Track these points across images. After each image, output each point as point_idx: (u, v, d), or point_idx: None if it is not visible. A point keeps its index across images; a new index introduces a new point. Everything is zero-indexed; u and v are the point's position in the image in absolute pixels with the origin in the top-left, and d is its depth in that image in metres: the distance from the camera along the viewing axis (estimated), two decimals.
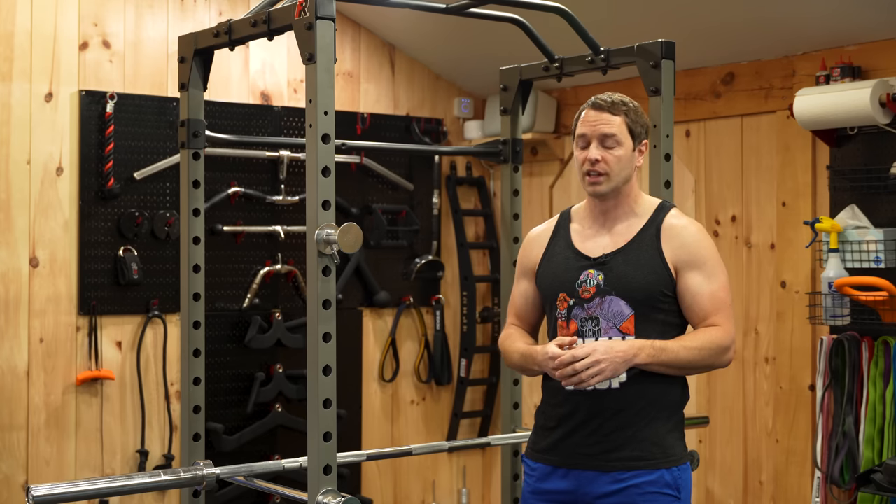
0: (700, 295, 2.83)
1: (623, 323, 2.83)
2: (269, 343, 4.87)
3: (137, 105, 4.58)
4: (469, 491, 5.60)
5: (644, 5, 4.33)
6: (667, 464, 2.82)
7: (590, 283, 2.87)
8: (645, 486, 2.79)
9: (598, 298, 2.85)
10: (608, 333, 2.83)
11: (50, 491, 2.93)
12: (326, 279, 2.80)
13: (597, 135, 2.86)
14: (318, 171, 2.81)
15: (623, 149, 2.87)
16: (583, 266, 2.89)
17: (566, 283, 2.90)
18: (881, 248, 4.01)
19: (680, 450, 2.86)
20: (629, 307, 2.83)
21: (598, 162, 2.86)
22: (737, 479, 4.68)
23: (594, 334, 2.84)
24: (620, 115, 2.87)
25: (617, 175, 2.87)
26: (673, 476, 2.82)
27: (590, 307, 2.85)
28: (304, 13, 2.83)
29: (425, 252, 5.44)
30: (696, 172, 4.81)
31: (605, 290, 2.84)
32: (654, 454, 2.81)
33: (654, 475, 2.80)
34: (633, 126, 2.88)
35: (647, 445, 2.81)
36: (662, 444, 2.82)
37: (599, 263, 2.87)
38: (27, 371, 4.36)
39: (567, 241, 2.96)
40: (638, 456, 2.80)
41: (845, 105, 4.00)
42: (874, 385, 4.03)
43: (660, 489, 2.79)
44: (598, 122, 2.87)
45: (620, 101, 2.89)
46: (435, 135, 5.45)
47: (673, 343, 2.79)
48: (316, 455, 2.81)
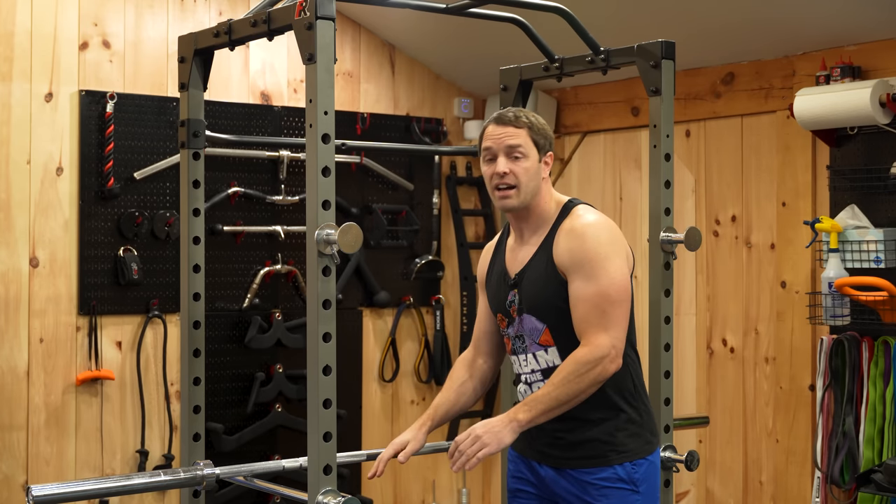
0: (577, 302, 2.81)
1: (540, 337, 2.91)
2: (269, 343, 4.87)
3: (137, 105, 4.58)
4: (469, 491, 5.60)
5: (644, 5, 4.33)
6: (619, 459, 2.86)
7: (514, 303, 2.96)
8: (600, 482, 2.86)
9: (518, 317, 2.95)
10: (532, 349, 2.93)
11: (50, 491, 2.93)
12: (326, 279, 2.80)
13: (503, 147, 2.90)
14: (318, 171, 2.81)
15: (529, 161, 2.90)
16: (508, 285, 2.98)
17: (500, 304, 3.01)
18: (881, 248, 4.02)
19: (636, 445, 2.89)
20: (540, 321, 2.90)
21: (507, 174, 2.89)
22: (737, 479, 4.68)
23: (523, 350, 2.95)
24: (524, 128, 2.91)
25: (525, 187, 2.90)
26: (627, 471, 2.86)
27: (516, 325, 2.96)
28: (304, 13, 2.83)
29: (425, 252, 5.44)
30: (696, 172, 4.81)
31: (520, 309, 2.94)
32: (604, 451, 2.87)
33: (607, 472, 2.86)
34: (536, 138, 2.91)
35: (598, 444, 2.87)
36: (613, 442, 2.87)
37: (514, 284, 2.96)
38: (27, 371, 4.36)
39: (501, 258, 3.04)
40: (590, 455, 2.87)
41: (845, 105, 4.00)
42: (874, 385, 4.03)
43: (613, 484, 2.86)
44: (503, 135, 2.90)
45: (523, 115, 2.93)
46: (435, 135, 5.45)
47: (543, 390, 2.78)
48: (316, 455, 2.81)
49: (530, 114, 2.95)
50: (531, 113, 2.96)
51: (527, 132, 2.90)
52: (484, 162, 2.94)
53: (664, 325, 3.36)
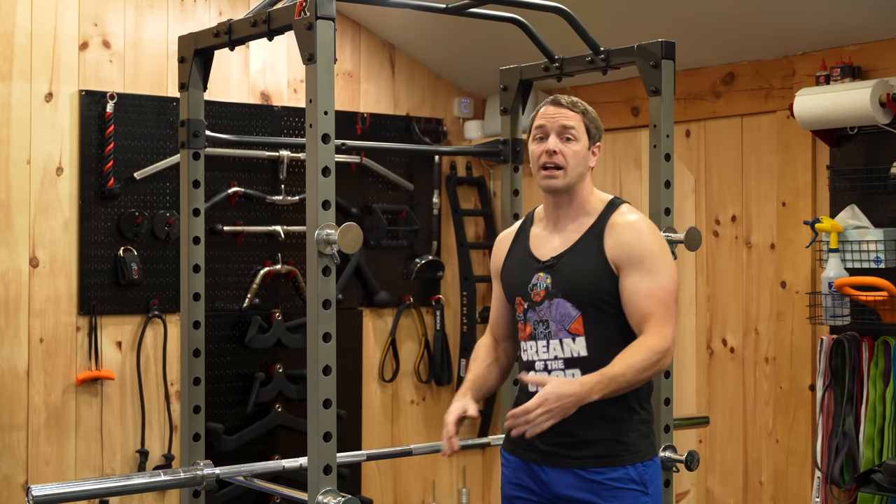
0: (636, 294, 2.81)
1: (571, 324, 2.86)
2: (269, 343, 4.87)
3: (137, 105, 4.58)
4: (469, 491, 5.60)
5: (644, 5, 4.33)
6: (631, 460, 2.84)
7: (539, 286, 2.91)
8: (610, 482, 2.82)
9: (547, 301, 2.89)
10: (558, 336, 2.87)
11: (50, 491, 2.94)
12: (326, 279, 2.80)
13: (556, 127, 2.90)
14: (318, 171, 2.81)
15: (580, 145, 2.91)
16: (534, 269, 2.94)
17: (520, 287, 2.96)
18: (881, 248, 4.02)
19: (646, 446, 2.88)
20: (575, 308, 2.86)
21: (556, 154, 2.89)
22: (737, 479, 4.68)
23: (545, 336, 2.89)
24: (579, 112, 2.93)
25: (573, 170, 2.89)
26: (639, 472, 2.84)
27: (540, 310, 2.90)
28: (304, 13, 2.83)
29: (425, 252, 5.44)
30: (696, 172, 4.81)
31: (552, 293, 2.89)
32: (617, 451, 2.84)
33: (618, 472, 2.83)
34: (589, 126, 2.93)
35: (613, 444, 2.84)
36: (626, 442, 2.85)
37: (548, 266, 2.91)
38: (27, 371, 4.36)
39: (525, 244, 3.01)
40: (602, 454, 2.84)
41: (845, 105, 4.00)
42: (874, 385, 4.03)
43: (626, 485, 2.83)
44: (557, 115, 2.92)
45: (579, 102, 2.96)
46: (435, 135, 5.45)
47: (618, 367, 2.74)
48: (316, 455, 2.81)
49: (586, 103, 2.98)
50: (586, 103, 2.99)
51: (581, 117, 2.92)
52: (533, 140, 2.93)
53: None
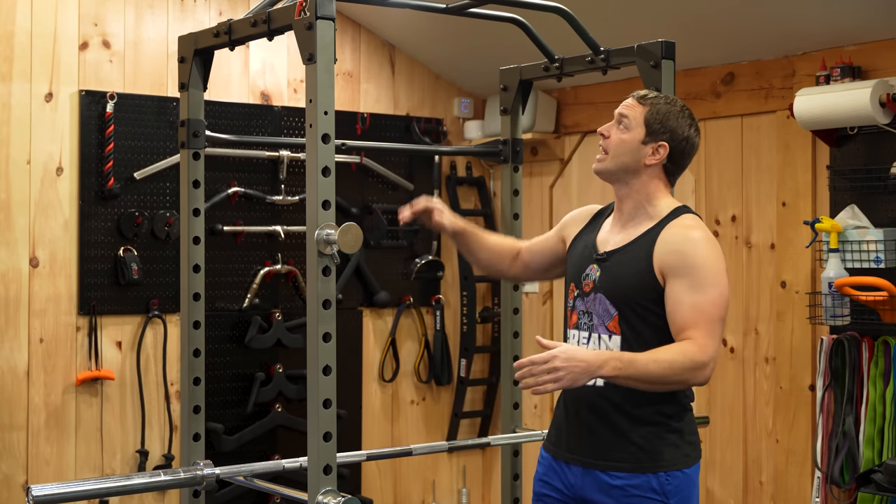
0: (680, 304, 2.72)
1: (610, 322, 2.82)
2: (269, 343, 4.87)
3: (137, 105, 4.58)
4: (469, 491, 5.60)
5: (644, 5, 4.33)
6: (654, 469, 2.77)
7: (590, 278, 2.88)
8: (629, 489, 2.77)
9: (593, 294, 2.86)
10: (598, 330, 2.84)
11: (50, 491, 2.93)
12: (326, 279, 2.80)
13: (617, 114, 2.90)
14: (318, 171, 2.81)
15: (629, 134, 2.85)
16: (591, 259, 2.91)
17: (576, 274, 2.94)
18: (881, 248, 4.01)
19: (673, 456, 2.80)
20: (614, 307, 2.82)
21: (606, 138, 2.89)
22: (737, 479, 4.68)
23: (588, 328, 2.86)
24: (646, 105, 2.86)
25: (615, 157, 2.86)
26: (660, 482, 2.77)
27: (587, 301, 2.88)
28: (304, 13, 2.83)
29: (425, 252, 5.44)
30: (696, 172, 4.81)
31: (598, 287, 2.85)
32: (639, 458, 2.78)
33: (639, 479, 2.77)
34: (650, 120, 2.84)
35: (635, 449, 2.78)
36: (651, 450, 2.78)
37: (600, 259, 2.88)
38: (27, 371, 4.36)
39: (595, 233, 2.97)
40: (623, 458, 2.79)
41: (845, 105, 4.00)
42: (874, 385, 4.03)
43: (644, 493, 2.77)
44: (625, 105, 2.90)
45: (651, 96, 2.89)
46: (435, 135, 5.45)
47: (643, 356, 2.68)
48: (316, 455, 2.81)
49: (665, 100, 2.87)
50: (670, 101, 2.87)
51: (645, 110, 2.85)
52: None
53: None
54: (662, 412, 2.81)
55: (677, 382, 2.71)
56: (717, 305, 2.71)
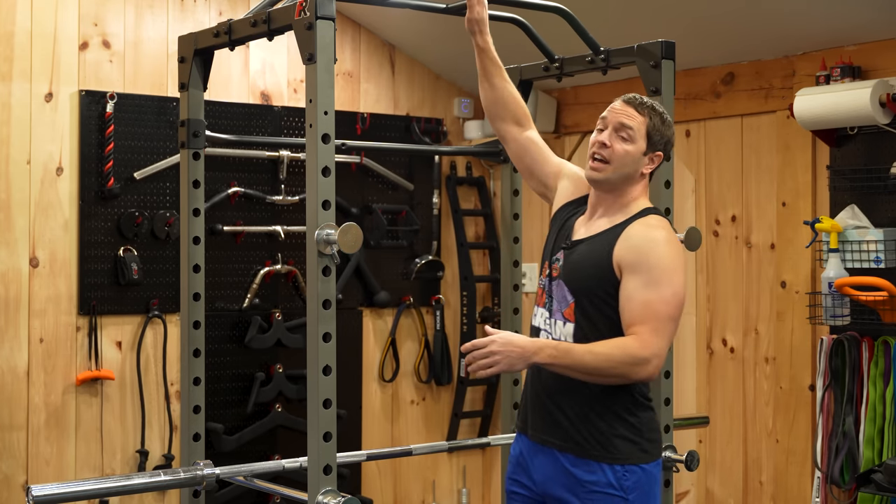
0: (632, 300, 2.78)
1: (566, 309, 2.90)
2: (269, 343, 4.87)
3: (137, 105, 4.58)
4: (469, 491, 5.60)
5: (644, 5, 4.33)
6: (608, 459, 2.84)
7: (558, 263, 2.97)
8: (590, 485, 2.85)
9: (557, 280, 2.94)
10: (556, 316, 2.93)
11: (50, 491, 2.94)
12: (326, 279, 2.80)
13: (615, 122, 2.90)
14: (318, 171, 2.81)
15: (633, 146, 2.89)
16: (561, 245, 2.99)
17: (550, 255, 3.02)
18: (881, 248, 4.02)
19: (628, 450, 2.86)
20: (571, 296, 2.90)
21: (606, 147, 2.89)
22: (737, 479, 4.68)
23: (550, 310, 2.95)
24: (645, 116, 2.90)
25: (617, 168, 2.89)
26: (617, 476, 2.84)
27: (552, 285, 2.96)
28: (304, 13, 2.83)
29: (425, 252, 5.44)
30: (696, 172, 4.81)
31: (560, 274, 2.94)
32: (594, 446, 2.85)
33: (595, 474, 2.84)
34: (652, 132, 2.90)
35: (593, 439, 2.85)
36: (605, 442, 2.85)
37: (567, 248, 2.96)
38: (27, 371, 4.36)
39: (574, 218, 3.03)
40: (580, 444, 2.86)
41: (845, 105, 4.00)
42: (874, 385, 4.03)
43: (603, 489, 2.84)
44: (622, 112, 2.91)
45: (651, 105, 2.93)
46: (435, 135, 5.45)
47: (580, 347, 2.78)
48: (316, 455, 2.81)
49: (662, 109, 2.94)
50: (660, 108, 2.94)
51: (645, 121, 2.89)
52: (595, 131, 2.95)
53: None
54: (616, 403, 2.86)
55: (616, 376, 2.78)
56: (668, 304, 2.77)
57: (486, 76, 3.20)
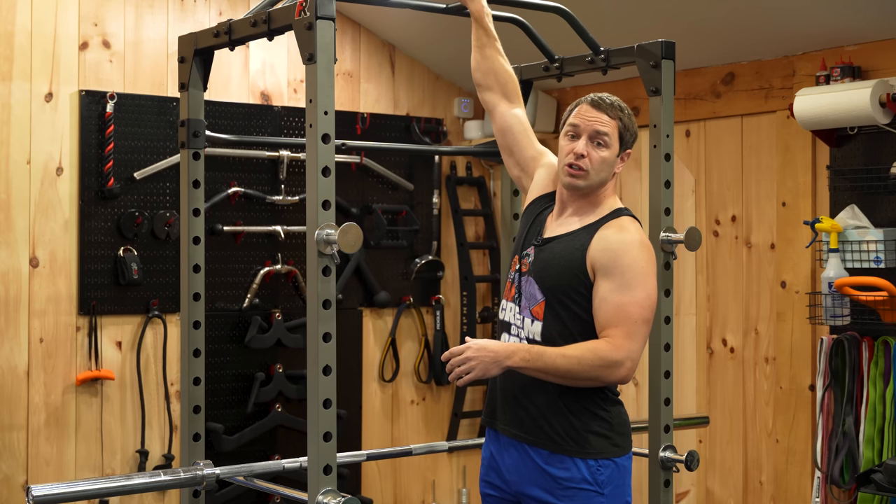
0: (605, 302, 2.82)
1: (535, 307, 2.91)
2: (269, 343, 4.87)
3: (137, 105, 4.58)
4: (469, 491, 5.60)
5: (644, 5, 4.33)
6: (582, 454, 2.86)
7: (528, 259, 2.98)
8: (564, 481, 2.86)
9: (527, 276, 2.95)
10: (524, 312, 2.94)
11: (50, 491, 2.93)
12: (326, 279, 2.80)
13: (589, 130, 2.91)
14: (318, 171, 2.81)
15: (609, 152, 2.92)
16: (532, 241, 3.00)
17: (520, 249, 3.03)
18: (881, 248, 4.02)
19: (601, 445, 2.88)
20: (540, 293, 2.91)
21: (583, 158, 2.90)
22: (737, 479, 4.68)
23: (519, 306, 2.96)
24: (615, 118, 2.92)
25: (596, 176, 2.92)
26: (591, 471, 2.86)
27: (522, 281, 2.97)
28: (304, 13, 2.83)
29: (425, 252, 5.44)
30: (696, 172, 4.81)
31: (530, 271, 2.95)
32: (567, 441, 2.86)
33: (570, 471, 2.85)
34: (623, 133, 2.93)
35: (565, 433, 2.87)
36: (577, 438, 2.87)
37: (537, 245, 2.97)
38: (27, 371, 4.36)
39: (545, 214, 3.04)
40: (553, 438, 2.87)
41: (845, 105, 4.01)
42: (874, 385, 4.03)
43: (578, 485, 2.86)
44: (594, 119, 2.92)
45: (619, 105, 2.95)
46: (435, 135, 5.45)
47: (553, 350, 2.80)
48: (316, 455, 2.81)
49: (625, 106, 2.97)
50: (625, 105, 2.97)
51: (617, 123, 2.92)
52: (564, 136, 2.95)
53: (664, 325, 3.36)
54: (587, 398, 2.88)
55: (588, 378, 2.82)
56: (641, 307, 2.81)
57: (479, 45, 3.22)
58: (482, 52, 3.22)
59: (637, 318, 2.80)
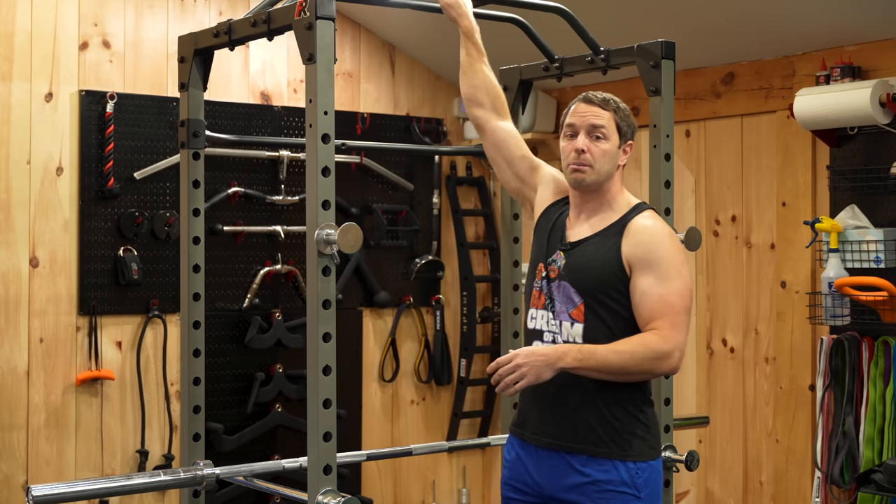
0: (647, 296, 2.81)
1: (573, 310, 2.89)
2: (269, 343, 4.87)
3: (137, 105, 4.58)
4: (469, 491, 5.60)
5: (644, 5, 4.33)
6: (622, 456, 2.83)
7: (556, 265, 2.96)
8: (602, 483, 2.83)
9: (558, 281, 2.93)
10: (560, 317, 2.91)
11: (50, 491, 2.93)
12: (326, 279, 2.80)
13: (585, 125, 2.92)
14: (318, 171, 2.81)
15: (609, 143, 2.92)
16: (558, 246, 2.98)
17: (544, 256, 3.00)
18: (881, 248, 4.02)
19: (640, 447, 2.86)
20: (578, 296, 2.89)
21: (584, 153, 2.90)
22: (737, 479, 4.68)
23: (552, 311, 2.93)
24: (610, 111, 2.93)
25: (600, 168, 2.91)
26: (631, 474, 2.83)
27: (552, 287, 2.94)
28: (304, 13, 2.83)
29: (425, 252, 5.44)
30: (696, 172, 4.81)
31: (562, 276, 2.93)
32: (608, 444, 2.84)
33: (609, 473, 2.82)
34: (620, 124, 2.93)
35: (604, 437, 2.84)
36: (618, 440, 2.84)
37: (566, 249, 2.95)
38: (27, 371, 4.36)
39: (563, 218, 3.03)
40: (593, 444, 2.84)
41: (845, 105, 4.00)
42: (874, 385, 4.03)
43: (616, 487, 2.83)
44: (588, 113, 2.93)
45: (611, 99, 2.96)
46: (435, 135, 5.45)
47: (603, 347, 2.78)
48: (316, 455, 2.81)
49: (619, 100, 2.97)
50: (619, 99, 2.98)
51: (612, 115, 2.92)
52: (564, 137, 2.96)
53: None
54: (628, 400, 2.86)
55: (641, 373, 2.81)
56: (682, 296, 2.82)
57: (469, 61, 3.22)
58: (473, 68, 3.23)
59: (679, 308, 2.80)
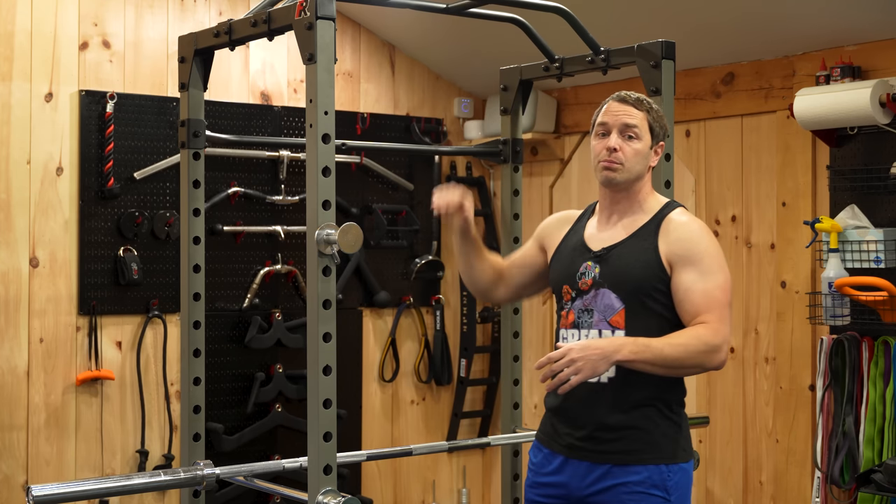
0: (692, 291, 2.79)
1: (613, 316, 2.85)
2: (269, 343, 4.87)
3: (137, 105, 4.58)
4: (469, 491, 5.60)
5: (644, 5, 4.33)
6: (654, 460, 2.80)
7: (588, 275, 2.91)
8: (632, 485, 2.79)
9: (594, 291, 2.88)
10: (598, 326, 2.86)
11: (50, 491, 2.93)
12: (326, 279, 2.80)
13: (618, 125, 2.89)
14: (318, 171, 2.81)
15: (641, 143, 2.89)
16: (584, 258, 2.93)
17: (569, 276, 2.95)
18: (881, 248, 4.02)
19: (672, 449, 2.83)
20: (619, 301, 2.85)
21: (616, 151, 2.88)
22: (737, 479, 4.68)
23: (588, 325, 2.88)
24: (643, 111, 2.90)
25: (632, 168, 2.89)
26: (662, 476, 2.80)
27: (586, 299, 2.89)
28: (304, 13, 2.84)
29: (425, 252, 5.44)
30: (696, 172, 4.81)
31: (599, 283, 2.88)
32: (640, 448, 2.80)
33: (640, 475, 2.79)
34: (653, 124, 2.91)
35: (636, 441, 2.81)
36: (650, 441, 2.81)
37: (597, 256, 2.91)
38: (27, 371, 4.36)
39: (580, 235, 3.00)
40: (625, 450, 2.80)
41: (845, 105, 4.00)
42: (874, 385, 4.03)
43: (647, 489, 2.79)
44: (621, 112, 2.90)
45: (645, 99, 2.94)
46: (435, 135, 5.45)
47: (658, 340, 2.74)
48: (316, 455, 2.81)
49: (651, 101, 2.96)
50: (651, 100, 2.96)
51: (645, 115, 2.90)
52: (595, 136, 2.93)
53: None
54: (663, 402, 2.84)
55: (693, 366, 2.78)
56: (724, 290, 2.81)
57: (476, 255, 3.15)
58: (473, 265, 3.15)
59: (724, 302, 2.79)
